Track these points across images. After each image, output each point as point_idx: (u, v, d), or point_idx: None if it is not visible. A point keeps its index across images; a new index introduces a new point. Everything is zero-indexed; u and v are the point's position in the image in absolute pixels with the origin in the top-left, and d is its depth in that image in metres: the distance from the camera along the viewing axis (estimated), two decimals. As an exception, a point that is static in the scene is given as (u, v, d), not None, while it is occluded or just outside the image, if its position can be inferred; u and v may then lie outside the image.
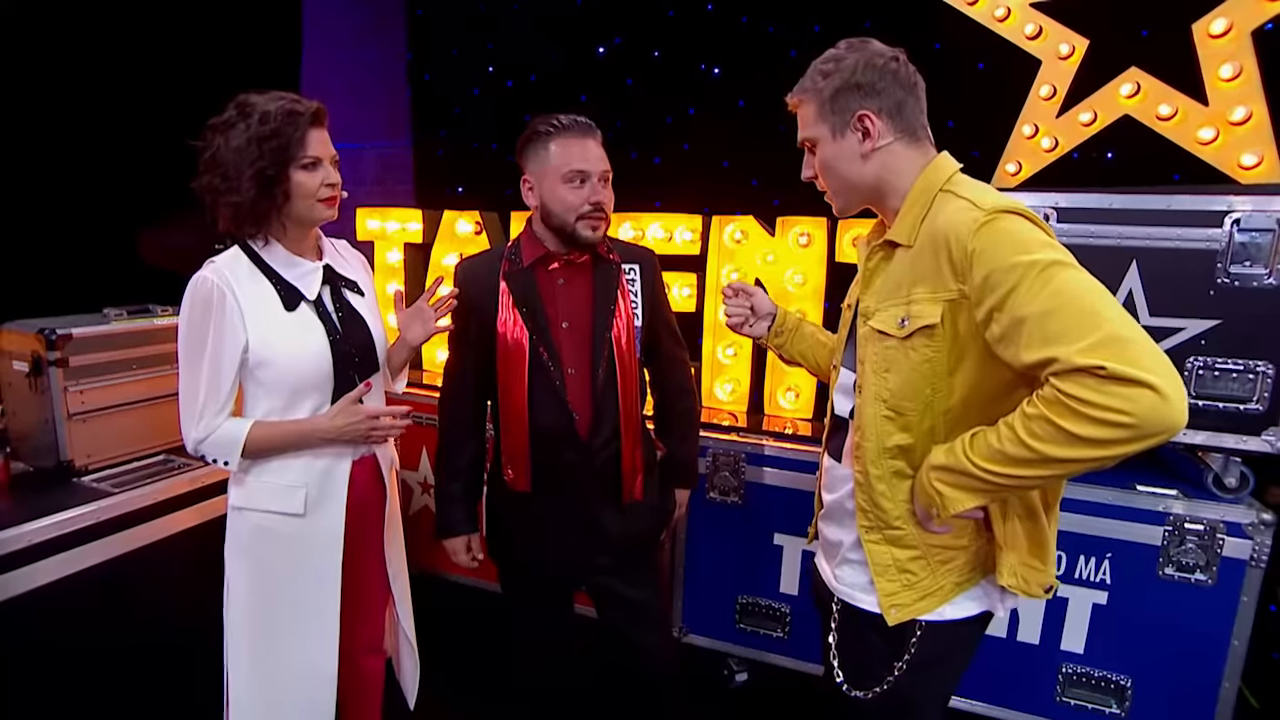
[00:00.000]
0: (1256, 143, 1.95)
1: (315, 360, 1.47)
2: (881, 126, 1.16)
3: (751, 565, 2.36)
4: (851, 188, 1.23)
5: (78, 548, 1.68)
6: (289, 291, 1.46)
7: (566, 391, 1.55)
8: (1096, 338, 0.91)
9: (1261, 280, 1.80)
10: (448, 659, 2.58)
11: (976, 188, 1.12)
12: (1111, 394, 0.89)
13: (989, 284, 1.01)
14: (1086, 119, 2.17)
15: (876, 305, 1.20)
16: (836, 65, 1.18)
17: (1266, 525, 1.85)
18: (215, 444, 1.43)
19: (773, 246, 2.51)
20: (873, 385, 1.18)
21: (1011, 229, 1.02)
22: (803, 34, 3.32)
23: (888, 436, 1.17)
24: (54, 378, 1.78)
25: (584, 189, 1.51)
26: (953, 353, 1.10)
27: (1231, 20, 1.93)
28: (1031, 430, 0.96)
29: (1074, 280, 0.97)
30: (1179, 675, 1.95)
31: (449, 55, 4.26)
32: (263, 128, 1.38)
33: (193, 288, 1.41)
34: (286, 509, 1.49)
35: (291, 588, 1.52)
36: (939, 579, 1.19)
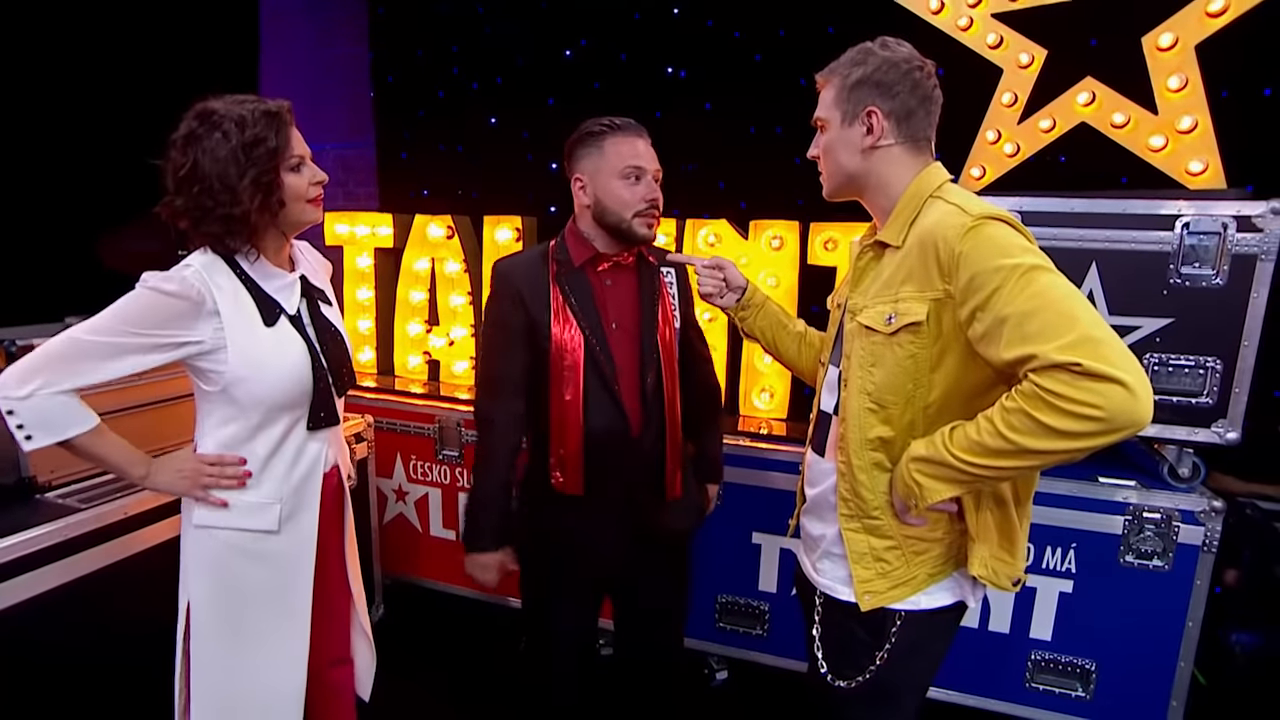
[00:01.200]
0: (1202, 150, 2.06)
1: (295, 378, 1.41)
2: (886, 127, 1.22)
3: (730, 564, 2.40)
4: (845, 175, 1.28)
5: (43, 567, 1.61)
6: (269, 306, 1.40)
7: (620, 392, 1.55)
8: (1072, 337, 0.97)
9: (1210, 280, 1.90)
10: (423, 665, 2.56)
11: (965, 195, 1.18)
12: (1085, 389, 0.95)
13: (973, 285, 1.07)
14: (1046, 125, 2.26)
15: (865, 302, 1.25)
16: (866, 57, 1.23)
17: (1217, 512, 1.95)
18: (34, 411, 1.25)
19: (746, 249, 2.55)
20: (858, 379, 1.24)
21: (996, 235, 1.08)
22: (768, 38, 3.37)
23: (870, 428, 1.22)
24: (14, 391, 1.71)
25: (640, 186, 1.52)
26: (936, 350, 1.16)
27: (1177, 35, 2.04)
28: (1009, 423, 1.02)
29: (1052, 284, 1.03)
30: (1139, 657, 2.05)
31: (412, 56, 4.20)
32: (246, 134, 1.32)
33: (180, 281, 1.30)
34: (260, 526, 1.43)
35: (262, 606, 1.46)
36: (912, 569, 1.24)
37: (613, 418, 1.56)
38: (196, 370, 1.39)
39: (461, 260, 2.86)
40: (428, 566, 2.80)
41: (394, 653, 2.54)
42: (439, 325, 2.96)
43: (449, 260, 2.87)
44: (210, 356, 1.35)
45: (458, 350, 2.92)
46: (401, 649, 2.59)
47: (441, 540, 2.76)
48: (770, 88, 3.30)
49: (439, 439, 2.66)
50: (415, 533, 2.79)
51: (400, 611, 2.77)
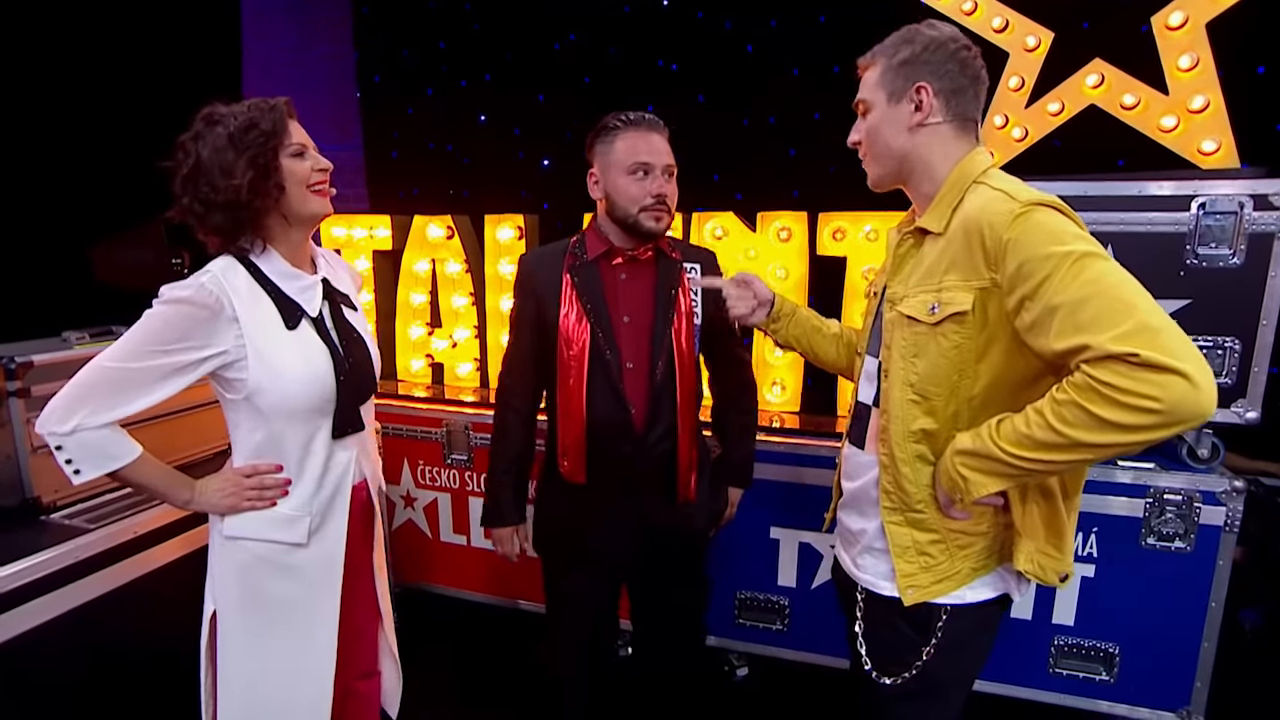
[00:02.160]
0: (1214, 130, 2.05)
1: (319, 383, 1.38)
2: (936, 104, 1.18)
3: (749, 560, 2.37)
4: (891, 157, 1.24)
5: (54, 592, 1.56)
6: (290, 308, 1.37)
7: (624, 385, 1.56)
8: (1129, 326, 0.93)
9: (1227, 260, 1.90)
10: (437, 671, 2.52)
11: (1011, 181, 1.14)
12: (1143, 380, 0.91)
13: (1022, 273, 1.03)
14: (1055, 109, 2.24)
15: (905, 291, 1.22)
16: (914, 36, 1.21)
17: (1238, 492, 1.96)
18: (81, 445, 1.26)
19: (753, 242, 2.52)
20: (900, 370, 1.21)
21: (1047, 221, 1.05)
22: (759, 28, 3.35)
23: (913, 420, 1.19)
24: (15, 409, 1.65)
25: (647, 181, 1.53)
26: (981, 340, 1.12)
27: (1188, 13, 2.03)
28: (1061, 415, 0.98)
29: (1106, 271, 0.99)
30: (1162, 639, 2.05)
31: (399, 55, 4.15)
32: (240, 120, 1.31)
33: (195, 288, 1.28)
34: (288, 539, 1.40)
35: (289, 619, 1.44)
36: (956, 563, 1.21)
37: (615, 409, 1.57)
38: (220, 380, 1.36)
39: (463, 260, 2.81)
40: (439, 572, 2.76)
41: (407, 660, 2.50)
42: (441, 327, 2.91)
43: (450, 261, 2.82)
44: (234, 366, 1.32)
45: (461, 352, 2.87)
46: (414, 656, 2.54)
47: (452, 545, 2.71)
48: (763, 78, 3.29)
49: (447, 443, 2.62)
50: (425, 539, 2.74)
51: (412, 619, 2.73)
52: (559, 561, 1.75)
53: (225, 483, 1.38)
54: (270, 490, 1.39)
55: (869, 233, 2.41)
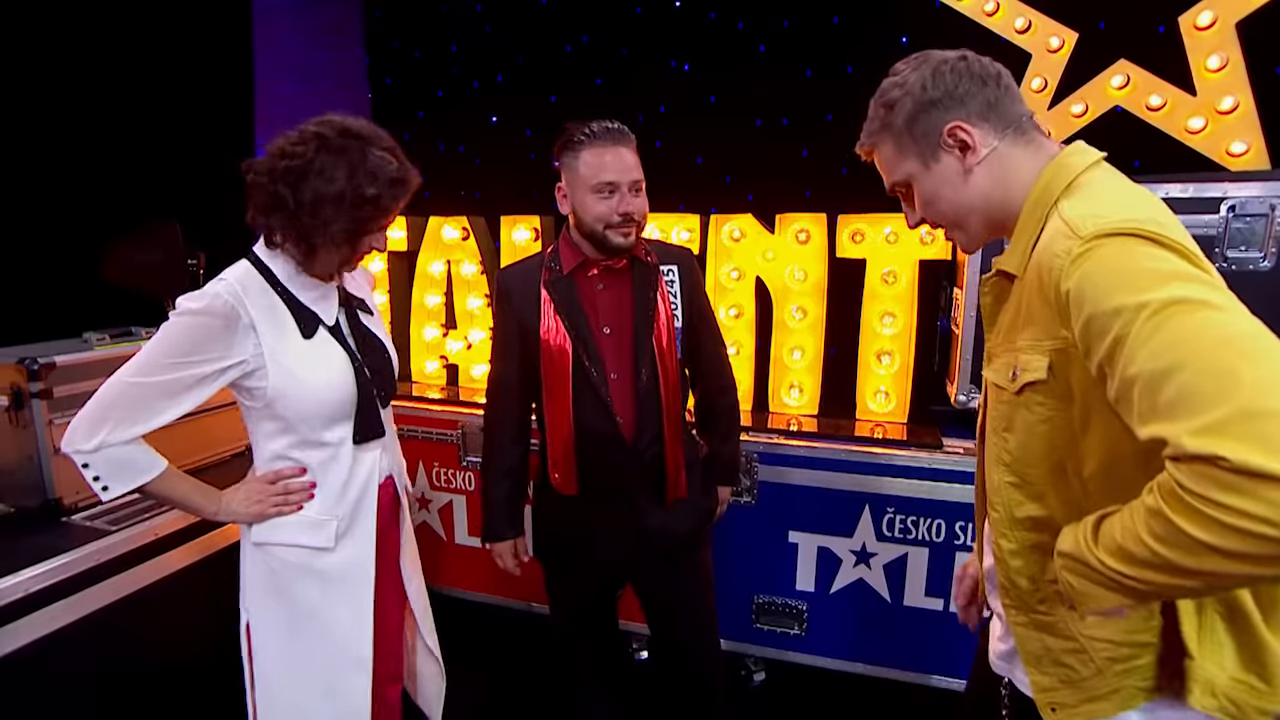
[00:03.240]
0: (1244, 131, 2.03)
1: (339, 390, 1.37)
2: (979, 134, 0.98)
3: (767, 564, 2.36)
4: (964, 215, 1.03)
5: (75, 595, 1.56)
6: (307, 317, 1.36)
7: (610, 396, 1.56)
8: (1222, 413, 0.67)
9: (1257, 264, 1.87)
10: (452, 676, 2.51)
11: (1089, 199, 0.89)
12: (1243, 494, 0.65)
13: (1091, 332, 0.79)
14: (1078, 110, 2.22)
15: (993, 350, 1.03)
16: (902, 90, 1.01)
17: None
18: (108, 462, 1.25)
19: (772, 244, 2.50)
20: (993, 446, 1.01)
21: (1113, 259, 0.79)
22: (771, 29, 3.34)
23: (1017, 506, 0.99)
24: (37, 410, 1.65)
25: (613, 199, 1.51)
26: (1074, 412, 0.89)
27: (1217, 13, 2.01)
28: (1151, 528, 0.73)
29: (1200, 325, 0.72)
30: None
31: (410, 57, 4.16)
32: (368, 188, 1.27)
33: (211, 298, 1.27)
34: (316, 543, 1.40)
35: (324, 624, 1.43)
36: (1111, 680, 0.93)
37: (603, 420, 1.57)
38: (240, 389, 1.35)
39: (479, 262, 2.80)
40: (454, 575, 2.74)
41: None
42: (456, 329, 2.90)
43: (465, 262, 2.81)
44: (253, 375, 1.32)
45: (476, 354, 2.86)
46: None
47: (467, 548, 2.70)
48: (775, 79, 3.27)
49: (462, 445, 2.60)
50: (440, 541, 2.73)
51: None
52: (559, 568, 1.76)
53: (250, 491, 1.38)
54: (295, 495, 1.38)
55: (889, 234, 2.39)
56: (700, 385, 1.82)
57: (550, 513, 1.70)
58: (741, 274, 2.54)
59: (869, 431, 2.36)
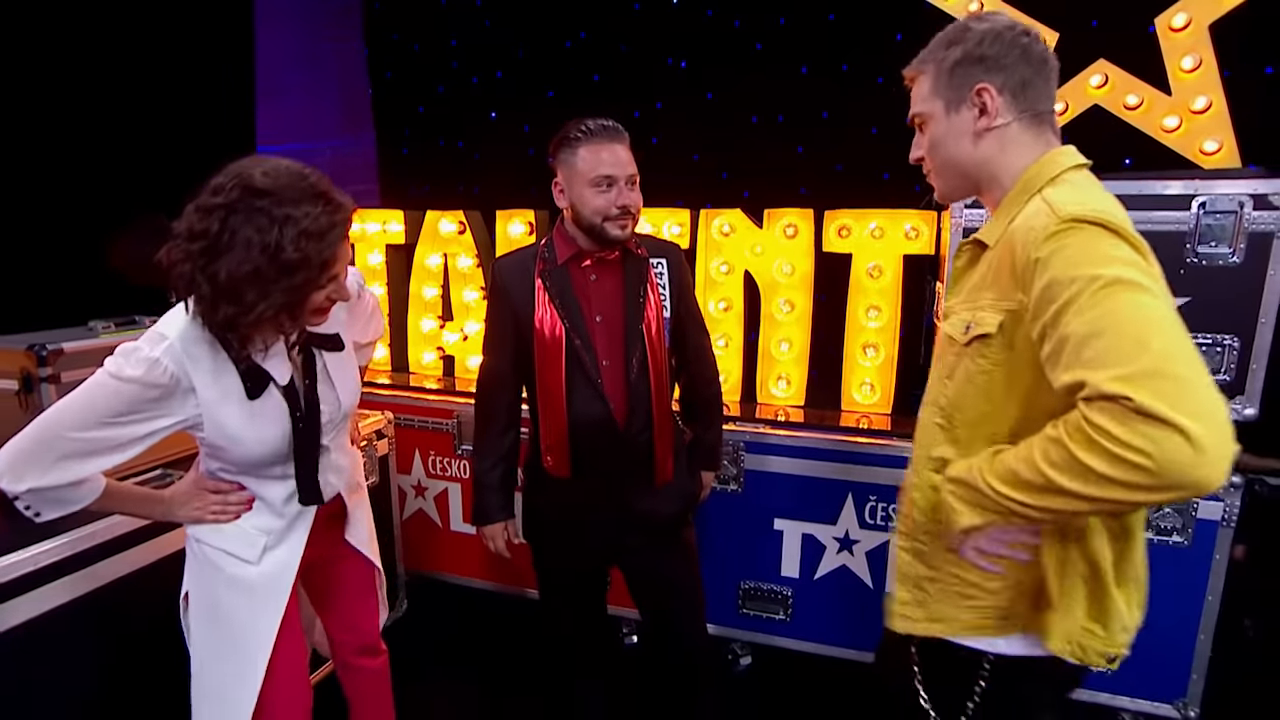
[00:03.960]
0: (1216, 130, 2.08)
1: (275, 445, 1.36)
2: (1001, 104, 1.06)
3: (753, 551, 2.42)
4: (959, 169, 1.14)
5: (76, 573, 1.61)
6: (255, 376, 1.30)
7: (602, 382, 1.61)
8: (1135, 368, 0.81)
9: (1226, 259, 1.93)
10: (447, 658, 2.58)
11: (1073, 189, 1.02)
12: (1135, 430, 0.79)
13: (1045, 297, 0.92)
14: (1059, 109, 2.27)
15: (955, 308, 1.15)
16: (963, 35, 1.09)
17: (1235, 488, 1.99)
18: (38, 497, 1.24)
19: (760, 238, 2.56)
20: (934, 390, 1.15)
21: (1084, 240, 0.92)
22: (768, 27, 3.39)
23: (934, 445, 1.13)
24: (46, 395, 1.71)
25: (611, 193, 1.56)
26: (1009, 370, 1.03)
27: (1191, 15, 2.06)
28: (1047, 453, 0.88)
29: (1134, 304, 0.86)
30: (1159, 632, 2.07)
31: (410, 52, 4.20)
32: (290, 252, 1.14)
33: (148, 366, 1.21)
34: (241, 554, 1.42)
35: (231, 626, 1.45)
36: (950, 609, 1.13)
37: (595, 406, 1.62)
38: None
39: (474, 255, 2.85)
40: (448, 561, 2.81)
41: (418, 646, 2.57)
42: (452, 321, 2.96)
43: (461, 255, 2.87)
44: (192, 428, 1.31)
45: (472, 345, 2.92)
46: (425, 642, 2.61)
47: (461, 535, 2.77)
48: (772, 76, 3.31)
49: (457, 434, 2.67)
50: (435, 528, 2.80)
51: (423, 606, 2.79)
52: (548, 550, 1.81)
53: (191, 496, 1.41)
54: (234, 507, 1.42)
55: (874, 230, 2.44)
56: (686, 375, 1.87)
57: (541, 496, 1.75)
58: (731, 268, 2.59)
59: (854, 422, 2.42)
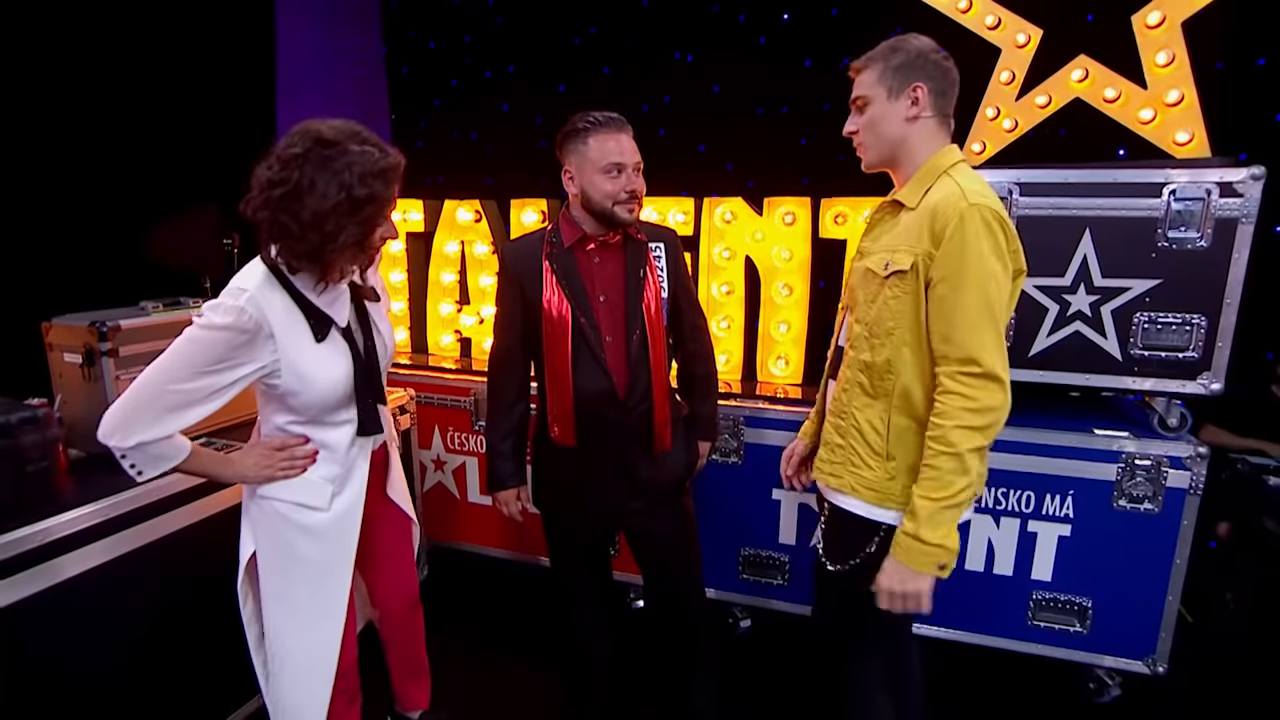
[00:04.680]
0: (1188, 122, 2.20)
1: (342, 388, 1.53)
2: (927, 102, 1.44)
3: (752, 519, 2.57)
4: (885, 143, 1.48)
5: (136, 526, 1.78)
6: (320, 321, 1.48)
7: (605, 357, 1.74)
8: (977, 342, 1.33)
9: (1195, 243, 2.05)
10: (465, 621, 2.75)
11: (972, 178, 1.41)
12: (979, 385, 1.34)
13: (940, 257, 1.35)
14: (1042, 101, 2.40)
15: (874, 249, 1.52)
16: (904, 45, 1.45)
17: (1202, 457, 2.12)
18: (144, 455, 1.41)
19: (760, 225, 2.70)
20: (860, 310, 1.52)
21: (976, 225, 1.33)
22: (771, 22, 3.50)
23: (862, 350, 1.50)
24: (106, 367, 1.88)
25: (621, 178, 1.69)
26: (914, 297, 1.40)
27: (1165, 13, 2.17)
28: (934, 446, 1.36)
29: (984, 291, 1.32)
30: (1131, 594, 2.22)
31: (426, 48, 4.33)
32: (359, 190, 1.35)
33: (236, 314, 1.37)
34: (313, 503, 1.57)
35: (310, 571, 1.60)
36: (842, 470, 1.54)
37: (599, 379, 1.74)
38: (258, 382, 1.50)
39: (490, 242, 3.01)
40: (466, 531, 2.98)
41: (439, 610, 2.73)
42: (469, 304, 3.11)
43: (477, 242, 3.02)
44: (270, 375, 1.47)
45: (487, 328, 3.07)
46: (445, 606, 2.78)
47: (478, 506, 2.93)
48: (776, 70, 3.43)
49: (474, 410, 2.83)
50: (454, 500, 2.96)
51: (442, 573, 2.96)
52: (557, 515, 1.94)
53: (260, 456, 1.55)
54: (300, 461, 1.56)
55: (868, 217, 2.57)
56: (682, 352, 2.00)
57: (549, 465, 1.88)
58: (732, 253, 2.73)
59: (848, 399, 2.56)
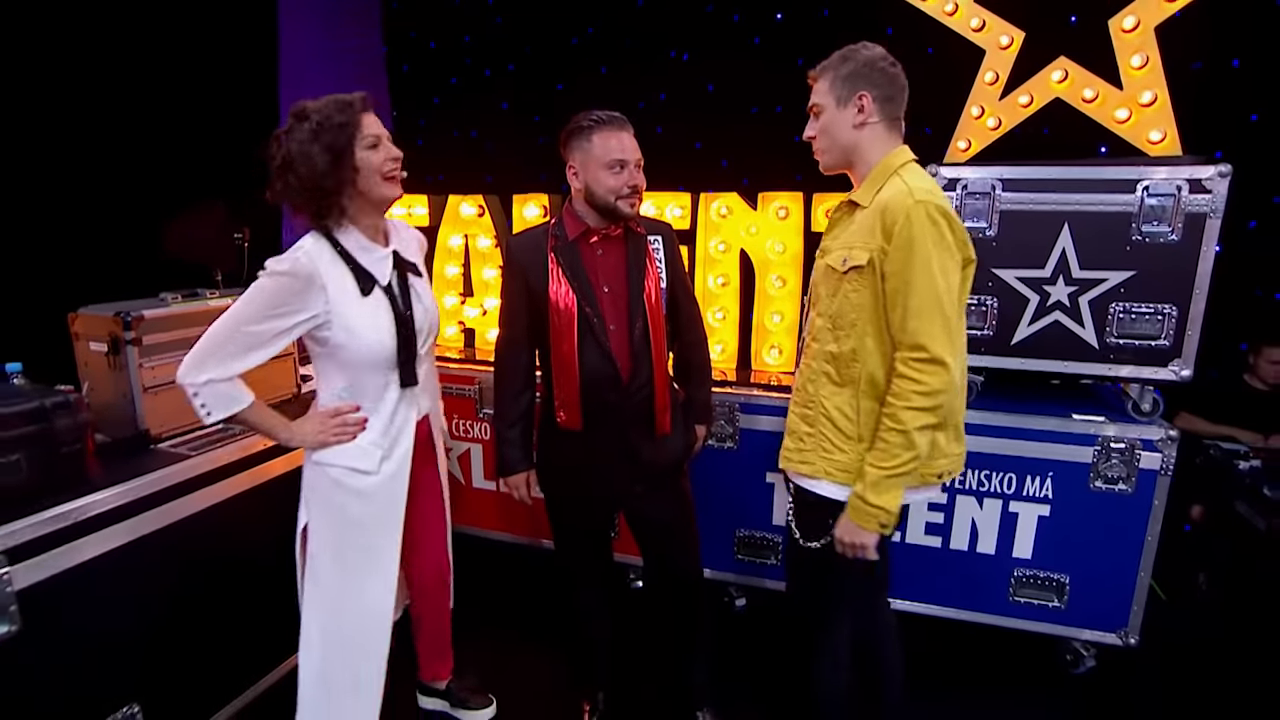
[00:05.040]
0: (1161, 122, 2.31)
1: (384, 341, 1.67)
2: (873, 109, 1.56)
3: (747, 502, 2.68)
4: (838, 148, 1.61)
5: (162, 505, 1.87)
6: (365, 278, 1.65)
7: (610, 345, 1.82)
8: (926, 330, 1.46)
9: (1166, 237, 2.16)
10: (470, 604, 2.84)
11: (920, 177, 1.53)
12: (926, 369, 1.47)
13: (891, 252, 1.47)
14: (1025, 101, 2.51)
15: (833, 247, 1.63)
16: (854, 55, 1.57)
17: (1173, 440, 2.23)
18: (213, 394, 1.57)
19: (755, 219, 2.80)
20: (823, 304, 1.63)
21: (922, 221, 1.45)
22: (765, 22, 3.60)
23: (826, 342, 1.60)
24: (130, 355, 1.97)
25: (623, 174, 1.77)
26: (871, 289, 1.52)
27: (1139, 17, 2.28)
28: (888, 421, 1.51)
29: (936, 280, 1.45)
30: (1105, 570, 2.34)
31: (426, 47, 4.40)
32: (319, 117, 1.57)
33: (293, 262, 1.57)
34: (363, 467, 1.71)
35: (362, 532, 1.74)
36: (815, 459, 1.64)
37: (604, 365, 1.81)
38: (311, 338, 1.66)
39: (493, 236, 3.10)
40: (470, 515, 3.08)
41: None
42: (473, 297, 3.21)
43: (480, 236, 3.11)
44: (322, 326, 1.62)
45: (490, 319, 3.16)
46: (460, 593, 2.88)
47: (483, 491, 3.03)
48: (769, 69, 3.52)
49: (479, 399, 2.93)
50: (458, 485, 3.06)
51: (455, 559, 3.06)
52: (562, 498, 2.02)
53: (316, 423, 1.69)
54: (351, 426, 1.70)
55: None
56: (679, 341, 2.09)
57: (555, 448, 1.95)
58: (728, 247, 2.83)
59: (838, 387, 2.66)
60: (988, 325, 2.34)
